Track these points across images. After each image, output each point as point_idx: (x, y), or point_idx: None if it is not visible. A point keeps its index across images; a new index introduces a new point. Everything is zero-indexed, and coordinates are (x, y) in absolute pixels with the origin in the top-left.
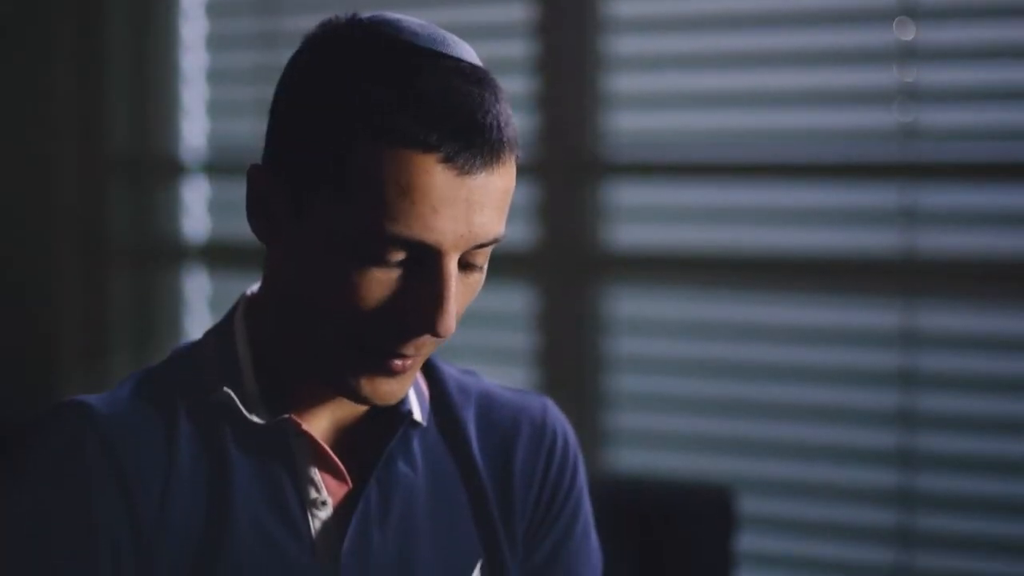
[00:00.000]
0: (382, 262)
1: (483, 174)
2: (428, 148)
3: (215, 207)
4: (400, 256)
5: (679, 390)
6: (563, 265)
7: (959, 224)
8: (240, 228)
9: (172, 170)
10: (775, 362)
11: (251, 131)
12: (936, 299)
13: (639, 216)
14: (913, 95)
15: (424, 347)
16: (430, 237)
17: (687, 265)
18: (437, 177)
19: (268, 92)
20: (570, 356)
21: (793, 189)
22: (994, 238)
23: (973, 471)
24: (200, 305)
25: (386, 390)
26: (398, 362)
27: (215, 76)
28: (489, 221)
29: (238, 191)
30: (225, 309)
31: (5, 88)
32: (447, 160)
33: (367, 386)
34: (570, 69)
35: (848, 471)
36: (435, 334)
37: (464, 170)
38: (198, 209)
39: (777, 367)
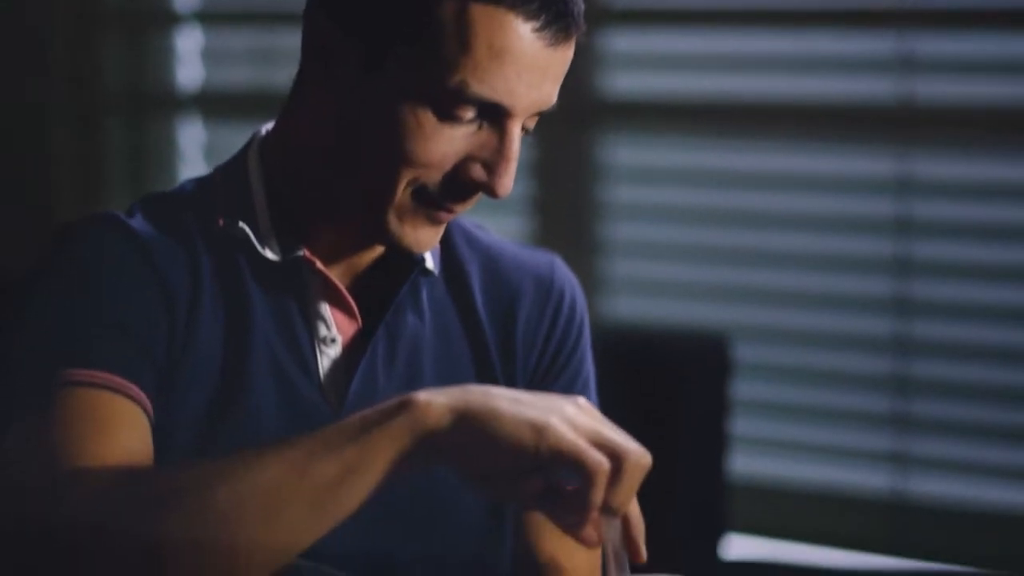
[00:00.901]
0: (453, 118)
1: (563, 46)
2: (528, 15)
3: (209, 56)
4: (470, 114)
5: (675, 238)
6: (560, 113)
7: (956, 72)
8: (234, 77)
9: (166, 19)
10: (771, 210)
11: None
12: (932, 147)
13: (636, 64)
14: None
15: (471, 203)
16: (507, 100)
17: (684, 113)
18: (528, 44)
19: None
20: (567, 204)
21: (791, 36)
22: (991, 86)
23: (969, 318)
24: (195, 155)
25: (426, 239)
26: (445, 214)
27: None
28: (555, 90)
29: (232, 40)
30: (220, 159)
31: None
32: (540, 29)
33: (411, 234)
34: None
35: (844, 318)
36: (495, 194)
37: (551, 41)
38: (192, 58)
39: (773, 215)
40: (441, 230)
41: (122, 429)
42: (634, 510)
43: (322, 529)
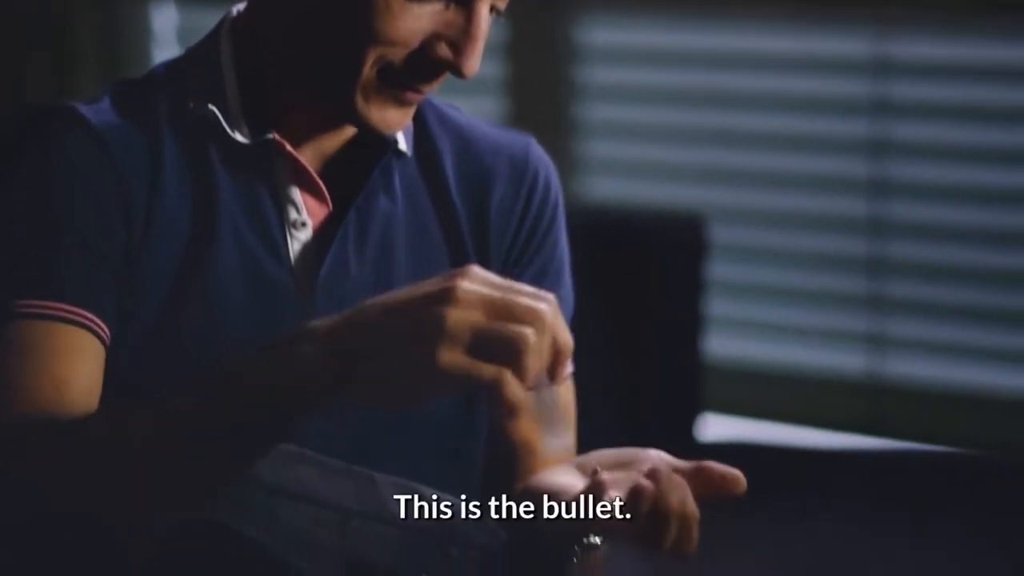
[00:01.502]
0: None
1: None
2: None
3: None
4: None
5: (651, 119)
6: None
7: None
8: None
9: None
10: (747, 90)
11: None
12: (910, 27)
13: None
14: None
15: (438, 84)
16: None
17: None
18: None
19: None
20: (541, 85)
21: None
22: None
23: (946, 199)
24: (169, 38)
25: (393, 119)
26: (412, 95)
27: None
28: None
29: None
30: (193, 42)
31: None
32: None
33: (377, 114)
34: None
35: (820, 199)
36: (461, 74)
37: None
38: None
39: (749, 95)
40: (410, 112)
41: (71, 362)
42: (560, 337)
43: (239, 472)
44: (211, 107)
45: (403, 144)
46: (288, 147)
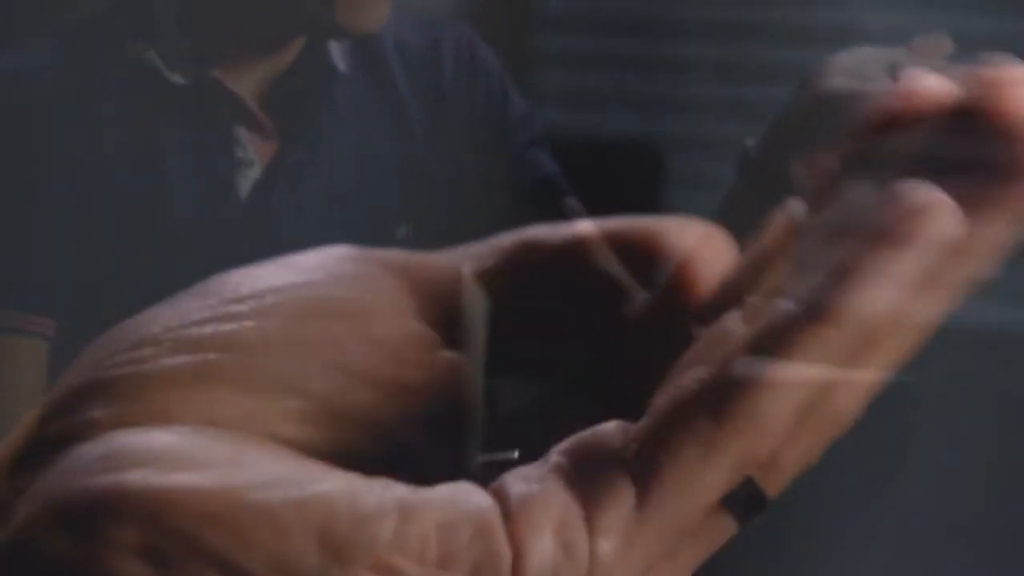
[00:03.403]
0: None
1: None
2: None
3: None
4: None
5: (607, 48)
6: None
7: None
8: None
9: None
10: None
11: None
12: None
13: None
14: None
15: None
16: None
17: None
18: None
19: None
20: (499, 14)
21: None
22: None
23: None
24: None
25: (381, 13)
26: None
27: None
28: None
29: None
30: None
31: None
32: None
33: (361, 16)
34: None
35: None
36: None
37: None
38: None
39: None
40: (388, 3)
41: (7, 369)
42: None
43: None
44: (151, 53)
45: (342, 65)
46: (229, 86)
